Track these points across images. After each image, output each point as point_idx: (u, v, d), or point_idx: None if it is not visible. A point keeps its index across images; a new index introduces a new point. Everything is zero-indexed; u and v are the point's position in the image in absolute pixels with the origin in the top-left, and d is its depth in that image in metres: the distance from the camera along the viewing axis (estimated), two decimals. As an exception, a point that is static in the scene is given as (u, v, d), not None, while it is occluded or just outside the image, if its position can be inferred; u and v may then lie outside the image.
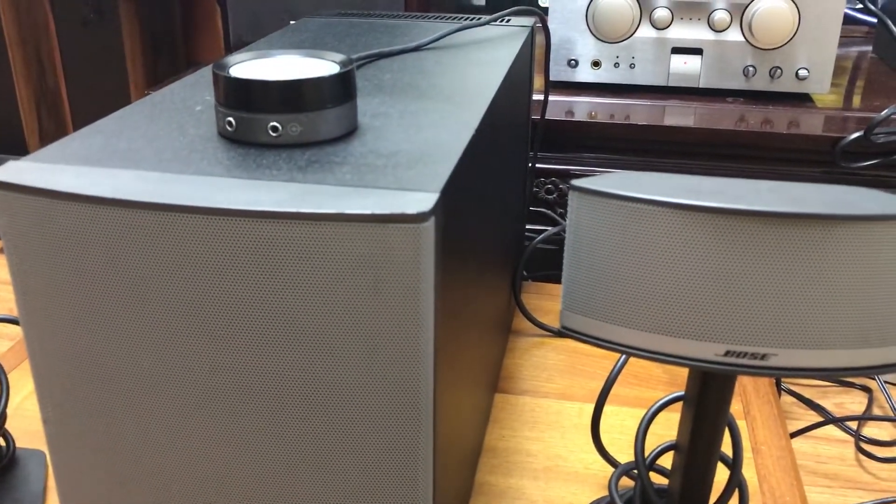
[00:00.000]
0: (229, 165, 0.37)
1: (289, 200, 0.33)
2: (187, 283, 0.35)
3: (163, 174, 0.36)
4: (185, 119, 0.43)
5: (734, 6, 0.88)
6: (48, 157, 0.38)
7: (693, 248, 0.33)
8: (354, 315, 0.34)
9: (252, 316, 0.35)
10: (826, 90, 0.90)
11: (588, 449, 0.61)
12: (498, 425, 0.64)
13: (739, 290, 0.33)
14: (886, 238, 0.32)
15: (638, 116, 0.89)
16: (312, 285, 0.34)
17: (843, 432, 0.84)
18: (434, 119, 0.44)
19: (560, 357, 0.73)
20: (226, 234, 0.33)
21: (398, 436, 0.36)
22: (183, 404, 0.37)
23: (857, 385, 0.91)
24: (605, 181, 0.36)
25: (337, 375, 0.35)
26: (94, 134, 0.41)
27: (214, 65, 0.41)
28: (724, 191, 0.34)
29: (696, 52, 0.91)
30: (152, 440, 0.39)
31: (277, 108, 0.38)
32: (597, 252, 0.36)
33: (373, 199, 0.33)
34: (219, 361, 0.36)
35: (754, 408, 0.66)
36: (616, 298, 0.36)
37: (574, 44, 0.93)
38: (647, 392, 0.68)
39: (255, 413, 0.37)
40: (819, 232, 0.32)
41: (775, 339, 0.34)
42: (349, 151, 0.39)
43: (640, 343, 0.36)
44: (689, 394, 0.43)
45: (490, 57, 0.58)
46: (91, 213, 0.34)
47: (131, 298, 0.36)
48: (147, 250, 0.35)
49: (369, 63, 0.56)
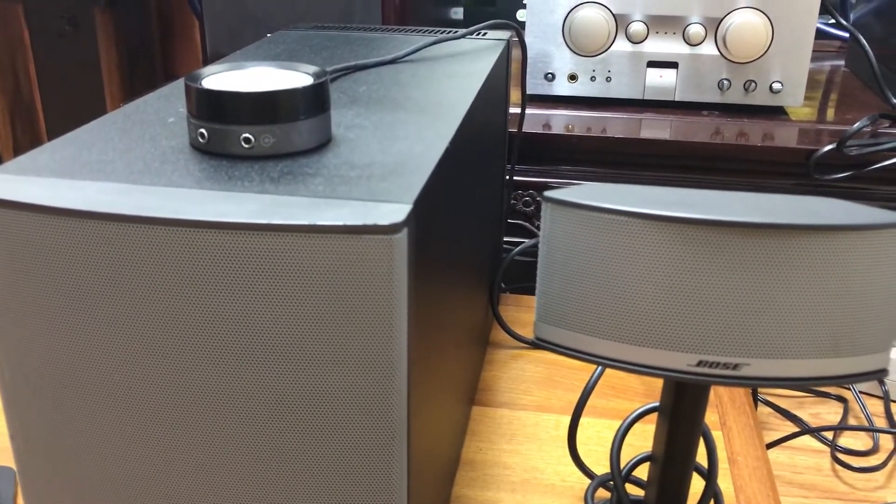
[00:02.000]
0: (200, 177, 0.36)
1: (260, 212, 0.33)
2: (158, 295, 0.34)
3: (133, 186, 0.36)
4: (157, 131, 0.43)
5: (709, 20, 0.89)
6: (17, 168, 0.37)
7: (665, 258, 0.34)
8: (327, 327, 0.34)
9: (223, 328, 0.34)
10: (800, 103, 0.91)
11: (565, 461, 0.61)
12: (475, 438, 0.63)
13: (711, 301, 0.34)
14: (854, 248, 0.32)
15: (614, 129, 0.89)
16: (284, 297, 0.34)
17: (819, 442, 0.84)
18: (409, 131, 0.44)
19: (537, 369, 0.73)
20: (196, 245, 0.33)
21: (372, 449, 0.36)
22: (153, 418, 0.37)
23: (832, 395, 0.91)
24: (578, 192, 0.36)
25: (309, 388, 0.35)
26: (66, 145, 0.40)
27: (187, 77, 0.40)
28: (696, 202, 0.34)
29: (671, 65, 0.92)
30: (122, 454, 0.38)
31: (250, 119, 0.38)
32: (570, 263, 0.36)
33: (345, 210, 0.33)
34: (190, 374, 0.35)
35: (730, 418, 0.66)
36: (589, 309, 0.36)
37: (551, 57, 0.93)
38: (623, 403, 0.68)
39: (226, 427, 0.36)
40: (788, 242, 0.32)
41: (747, 349, 0.34)
42: (322, 163, 0.38)
43: (613, 354, 0.36)
44: (663, 404, 0.44)
45: (465, 70, 0.59)
46: (60, 225, 0.34)
47: (100, 311, 0.35)
48: (116, 262, 0.34)
49: (345, 75, 0.56)
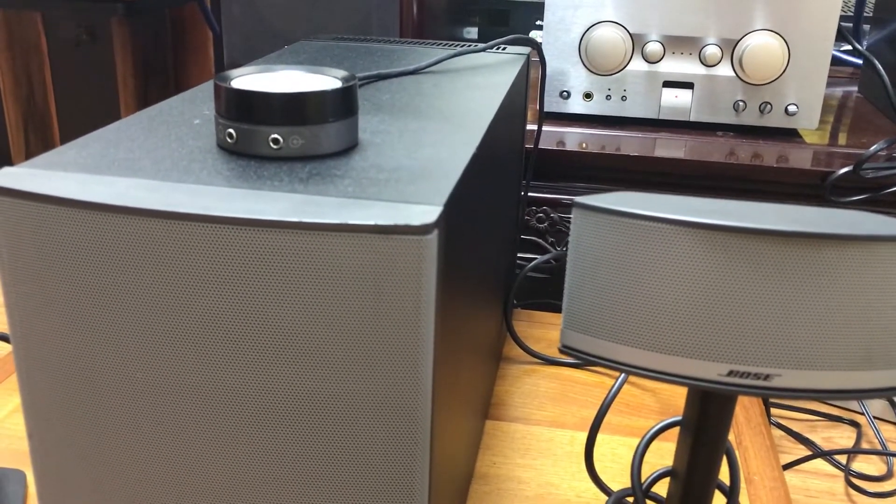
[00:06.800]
0: (230, 176, 0.36)
1: (291, 210, 0.33)
2: (186, 292, 0.34)
3: (162, 182, 0.35)
4: (183, 132, 0.43)
5: (725, 42, 0.90)
6: (45, 163, 0.37)
7: (697, 266, 0.33)
8: (354, 327, 0.34)
9: (250, 326, 0.34)
10: (815, 126, 0.91)
11: (580, 477, 0.60)
12: (489, 452, 0.63)
13: (743, 310, 0.33)
14: (891, 259, 0.32)
15: (629, 148, 0.89)
16: (313, 296, 0.33)
17: (832, 466, 0.83)
18: (434, 138, 0.44)
19: (551, 385, 0.72)
20: (226, 243, 0.33)
21: (395, 455, 0.36)
22: (176, 417, 0.36)
23: (845, 420, 0.91)
24: (608, 199, 0.36)
25: (336, 388, 0.35)
26: (92, 143, 0.40)
27: (217, 77, 0.40)
28: (728, 210, 0.34)
29: (687, 86, 0.92)
30: (141, 453, 0.37)
31: (279, 120, 0.38)
32: (599, 270, 0.36)
33: (376, 210, 0.33)
34: (216, 374, 0.35)
35: (746, 438, 0.65)
36: (618, 317, 0.36)
37: (566, 75, 0.93)
38: (638, 421, 0.68)
39: (251, 427, 0.36)
40: (823, 252, 0.32)
41: (779, 359, 0.34)
42: (350, 165, 0.38)
43: (641, 362, 0.35)
44: (687, 418, 0.43)
45: (487, 81, 0.59)
46: (89, 219, 0.34)
47: (128, 308, 0.35)
48: (145, 259, 0.34)
49: (368, 84, 0.56)
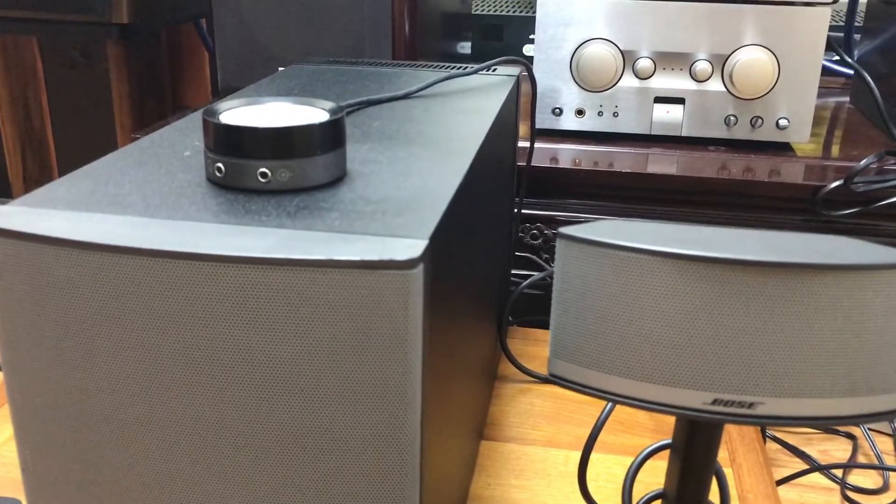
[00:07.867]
0: (218, 211, 0.37)
1: (277, 246, 0.33)
2: (175, 328, 0.34)
3: (151, 219, 0.36)
4: (173, 164, 0.43)
5: (715, 57, 0.90)
6: (36, 201, 0.38)
7: (679, 296, 0.34)
8: (341, 361, 0.34)
9: (239, 362, 0.34)
10: (806, 139, 0.92)
11: (574, 497, 0.60)
12: (484, 473, 0.63)
13: (726, 339, 0.34)
14: (870, 287, 0.32)
15: (621, 164, 0.90)
16: (300, 332, 0.34)
17: (828, 480, 0.84)
18: (423, 166, 0.44)
19: (546, 404, 0.72)
20: (214, 279, 0.33)
21: (384, 485, 0.36)
22: (168, 451, 0.37)
23: (841, 432, 0.91)
24: (592, 229, 0.36)
25: (324, 423, 0.35)
26: (82, 179, 0.41)
27: (204, 111, 0.41)
28: (710, 239, 0.34)
29: (678, 101, 0.93)
30: (134, 486, 0.38)
31: (267, 154, 0.39)
32: (584, 300, 0.36)
33: (362, 245, 0.33)
34: (206, 408, 0.35)
35: (740, 455, 0.66)
36: (603, 346, 0.36)
37: (558, 92, 0.94)
38: (632, 439, 0.68)
39: (240, 460, 0.36)
40: (804, 281, 0.32)
41: (763, 387, 0.34)
42: (338, 198, 0.39)
43: (628, 391, 0.36)
44: (676, 442, 0.43)
45: (477, 105, 0.59)
46: (79, 258, 0.34)
47: (118, 344, 0.35)
48: (134, 296, 0.34)
49: (358, 110, 0.56)
